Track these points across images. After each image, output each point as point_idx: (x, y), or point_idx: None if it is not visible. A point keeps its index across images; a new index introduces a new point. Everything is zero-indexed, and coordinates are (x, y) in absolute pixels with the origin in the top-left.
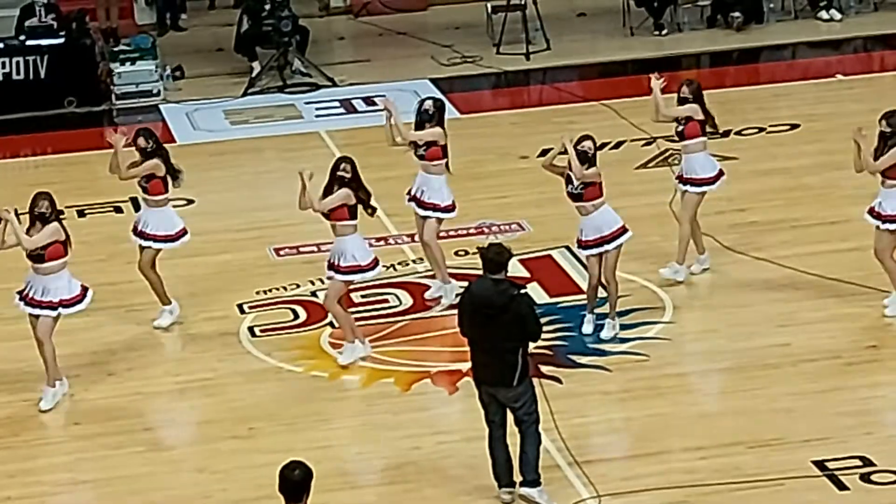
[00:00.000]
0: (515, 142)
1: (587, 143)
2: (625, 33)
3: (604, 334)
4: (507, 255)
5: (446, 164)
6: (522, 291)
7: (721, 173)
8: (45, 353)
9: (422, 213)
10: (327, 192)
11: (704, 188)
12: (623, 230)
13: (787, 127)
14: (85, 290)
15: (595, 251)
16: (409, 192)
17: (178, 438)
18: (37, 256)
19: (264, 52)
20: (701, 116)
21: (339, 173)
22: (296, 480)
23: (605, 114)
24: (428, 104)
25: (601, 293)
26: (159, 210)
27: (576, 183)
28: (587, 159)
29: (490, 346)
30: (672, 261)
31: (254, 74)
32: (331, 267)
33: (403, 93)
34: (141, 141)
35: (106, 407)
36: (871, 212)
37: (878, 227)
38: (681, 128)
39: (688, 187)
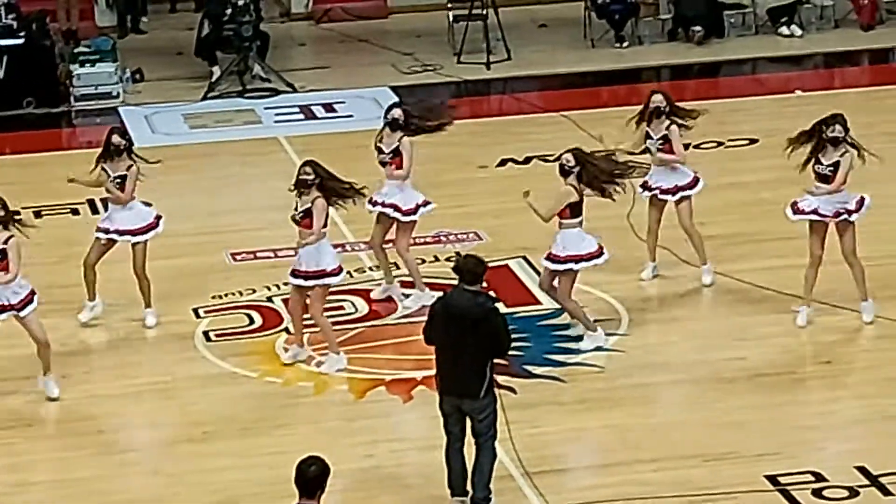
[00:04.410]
0: (474, 151)
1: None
2: (586, 45)
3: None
4: (484, 266)
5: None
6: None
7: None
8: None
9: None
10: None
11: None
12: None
13: (746, 141)
14: None
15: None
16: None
17: (131, 441)
18: None
19: (224, 57)
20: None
21: (302, 177)
22: (310, 476)
23: (565, 125)
24: (398, 112)
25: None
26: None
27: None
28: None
29: (460, 357)
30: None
31: (213, 79)
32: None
33: (363, 100)
34: (116, 138)
35: (59, 409)
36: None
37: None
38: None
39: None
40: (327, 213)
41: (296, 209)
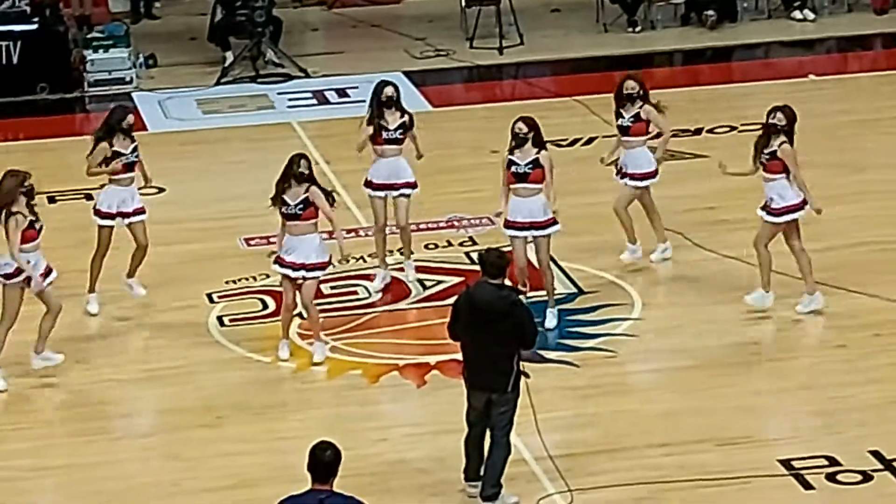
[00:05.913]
0: (487, 136)
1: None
2: (598, 29)
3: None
4: (506, 259)
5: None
6: (521, 297)
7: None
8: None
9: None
10: (282, 188)
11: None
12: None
13: (759, 126)
14: None
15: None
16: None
17: (146, 426)
18: None
19: (237, 42)
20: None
21: (300, 170)
22: (326, 461)
23: (577, 109)
24: (390, 90)
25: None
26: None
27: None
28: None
29: (485, 351)
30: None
31: (227, 64)
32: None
33: None
34: (131, 117)
35: (75, 394)
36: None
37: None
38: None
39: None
40: None
41: (285, 204)
